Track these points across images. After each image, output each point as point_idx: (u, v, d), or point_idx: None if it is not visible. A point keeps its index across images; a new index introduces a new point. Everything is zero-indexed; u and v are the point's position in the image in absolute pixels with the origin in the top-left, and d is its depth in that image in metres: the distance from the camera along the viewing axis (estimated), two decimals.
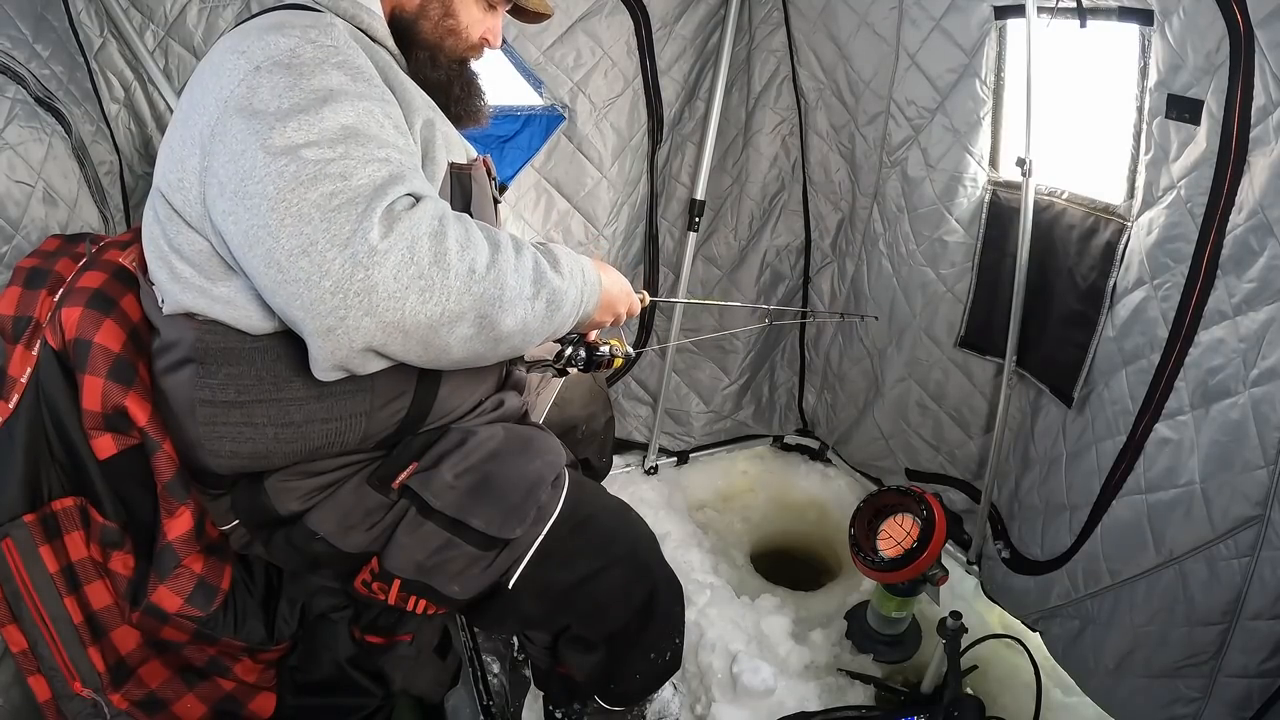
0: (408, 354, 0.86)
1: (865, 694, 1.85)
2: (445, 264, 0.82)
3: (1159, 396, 1.38)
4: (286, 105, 0.84)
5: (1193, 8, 1.24)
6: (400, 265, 0.80)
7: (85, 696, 1.12)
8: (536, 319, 0.92)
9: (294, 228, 0.79)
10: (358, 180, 0.81)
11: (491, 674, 1.69)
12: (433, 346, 0.85)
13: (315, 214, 0.79)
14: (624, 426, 2.56)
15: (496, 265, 0.87)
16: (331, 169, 0.81)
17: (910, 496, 1.79)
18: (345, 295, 0.79)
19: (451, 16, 1.13)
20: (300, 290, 0.80)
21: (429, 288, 0.81)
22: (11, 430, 1.05)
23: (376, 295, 0.79)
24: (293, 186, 0.80)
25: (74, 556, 1.11)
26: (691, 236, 2.28)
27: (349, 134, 0.84)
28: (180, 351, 0.98)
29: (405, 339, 0.83)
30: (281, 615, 1.27)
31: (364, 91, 0.90)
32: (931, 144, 1.86)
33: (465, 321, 0.85)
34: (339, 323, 0.80)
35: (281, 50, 0.88)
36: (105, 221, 1.58)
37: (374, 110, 0.89)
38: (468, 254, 0.84)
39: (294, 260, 0.79)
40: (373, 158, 0.84)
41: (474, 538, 1.09)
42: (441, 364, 0.90)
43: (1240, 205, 1.22)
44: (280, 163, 0.81)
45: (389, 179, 0.83)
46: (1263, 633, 1.21)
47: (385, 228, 0.80)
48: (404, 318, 0.81)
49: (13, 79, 1.33)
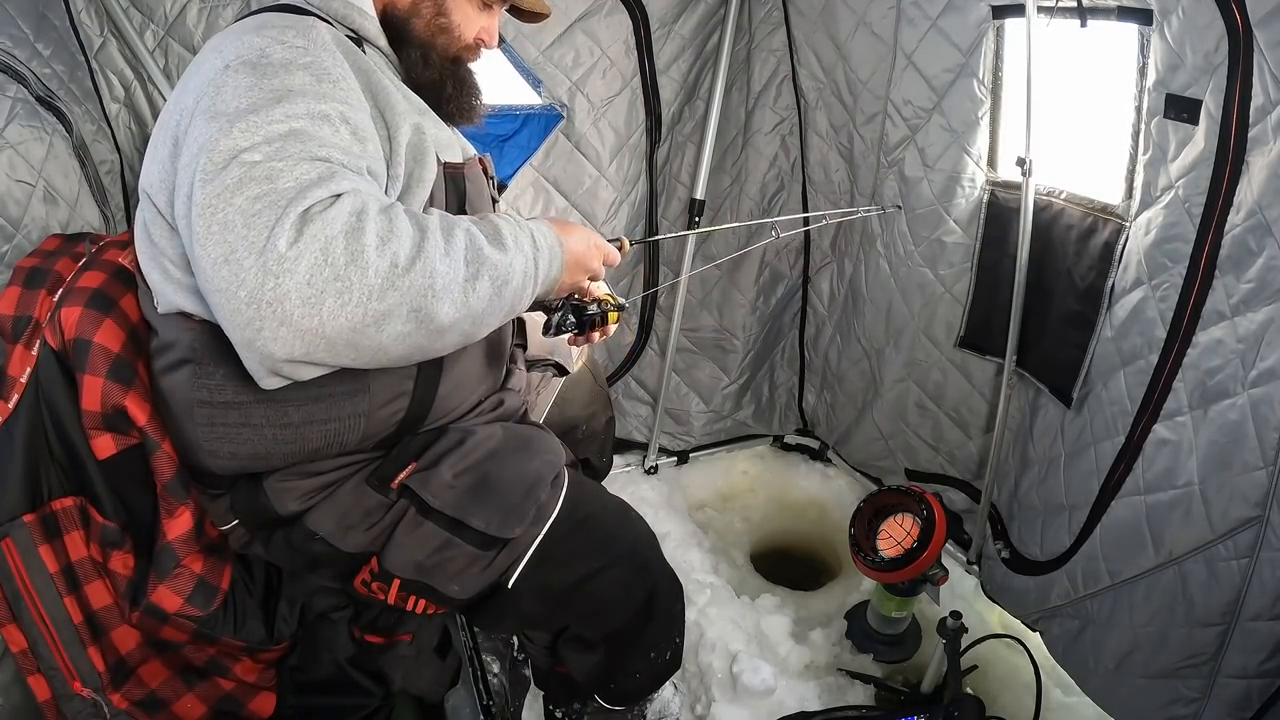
0: (339, 359, 0.81)
1: (865, 694, 1.85)
2: (363, 262, 0.77)
3: (1157, 397, 1.38)
4: (244, 105, 0.82)
5: (1192, 7, 1.24)
6: (314, 270, 0.75)
7: (85, 696, 1.12)
8: (481, 300, 0.87)
9: (219, 235, 0.76)
10: (283, 183, 0.78)
11: (491, 674, 1.69)
12: (364, 349, 0.81)
13: (238, 220, 0.76)
14: (624, 426, 2.56)
15: (423, 254, 0.81)
16: (258, 171, 0.78)
17: (910, 496, 1.79)
18: (259, 306, 0.75)
19: (444, 15, 1.12)
20: (222, 301, 0.77)
21: (346, 289, 0.77)
22: (11, 430, 1.05)
23: (290, 303, 0.75)
24: (221, 192, 0.77)
25: (74, 556, 1.11)
26: (691, 236, 2.28)
27: (291, 134, 0.81)
28: (178, 352, 0.99)
29: (330, 345, 0.78)
30: (281, 615, 1.27)
31: (326, 93, 0.87)
32: (929, 144, 1.86)
33: (396, 318, 0.80)
34: (256, 334, 0.76)
35: (252, 50, 0.88)
36: (106, 221, 1.58)
37: (329, 112, 0.86)
38: (389, 248, 0.79)
39: (217, 269, 0.76)
40: (307, 156, 0.80)
41: (473, 537, 1.09)
42: (384, 364, 0.85)
43: (1238, 205, 1.22)
44: (217, 168, 0.79)
45: (318, 180, 0.79)
46: (1262, 633, 1.21)
47: (296, 233, 0.76)
48: (322, 324, 0.76)
49: (14, 78, 1.33)
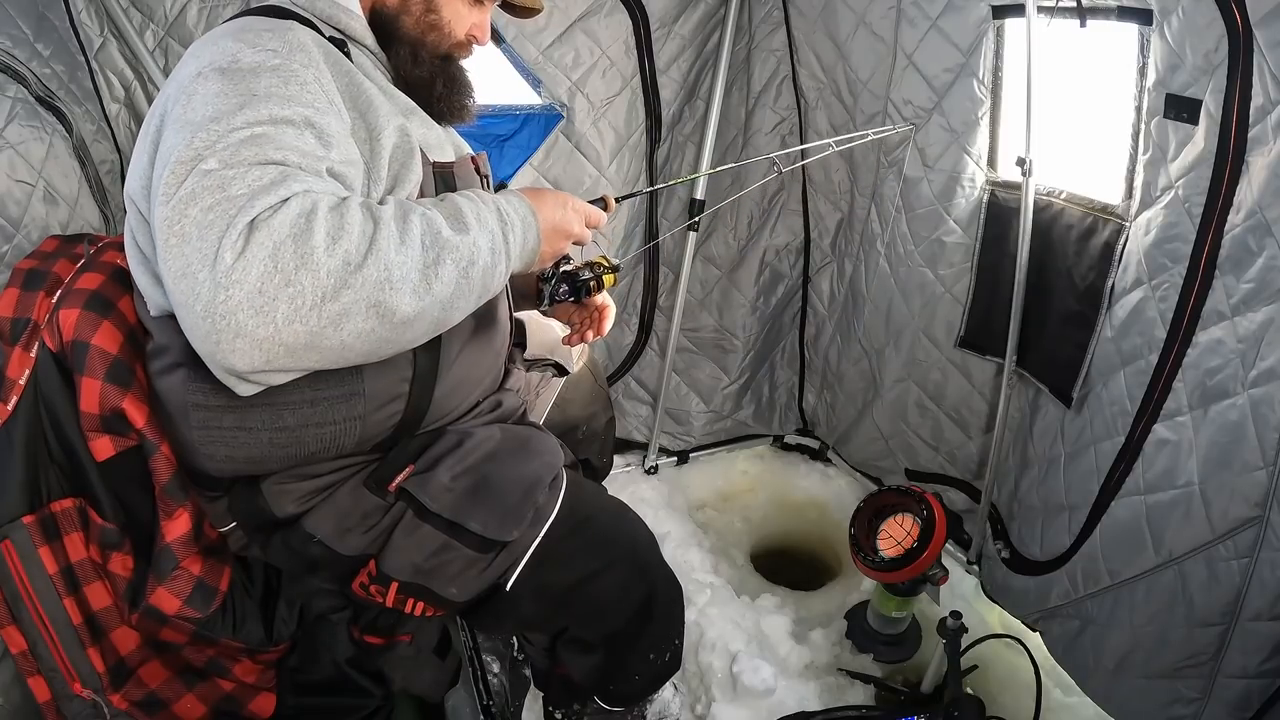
0: (303, 363, 0.80)
1: (865, 694, 1.85)
2: (313, 265, 0.75)
3: (1157, 397, 1.37)
4: (209, 113, 0.81)
5: (1192, 7, 1.24)
6: (264, 278, 0.74)
7: (85, 697, 1.12)
8: (446, 286, 0.84)
9: (177, 249, 0.76)
10: (235, 190, 0.76)
11: (491, 674, 1.69)
12: (327, 350, 0.79)
13: (194, 232, 0.75)
14: (624, 426, 2.56)
15: (376, 247, 0.79)
16: (212, 180, 0.77)
17: (910, 496, 1.79)
18: (214, 319, 0.74)
19: (434, 12, 1.10)
20: (183, 314, 0.77)
21: (299, 295, 0.75)
22: (10, 432, 1.05)
23: (243, 314, 0.74)
24: (178, 205, 0.76)
25: (73, 558, 1.11)
26: (691, 236, 2.28)
27: (250, 140, 0.80)
28: (173, 355, 0.98)
29: (290, 351, 0.77)
30: (280, 616, 1.27)
31: (293, 95, 0.86)
32: (929, 144, 1.85)
33: (354, 316, 0.78)
34: (215, 348, 0.75)
35: (225, 56, 0.87)
36: (106, 221, 1.59)
37: (293, 116, 0.84)
38: (339, 246, 0.77)
39: (177, 284, 0.76)
40: (261, 160, 0.79)
41: (471, 540, 1.09)
42: (354, 362, 0.84)
43: (1238, 205, 1.22)
44: (178, 181, 0.78)
45: (269, 185, 0.77)
46: (1262, 634, 1.21)
47: (245, 242, 0.74)
48: (278, 331, 0.75)
49: (14, 78, 1.33)
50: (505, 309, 1.24)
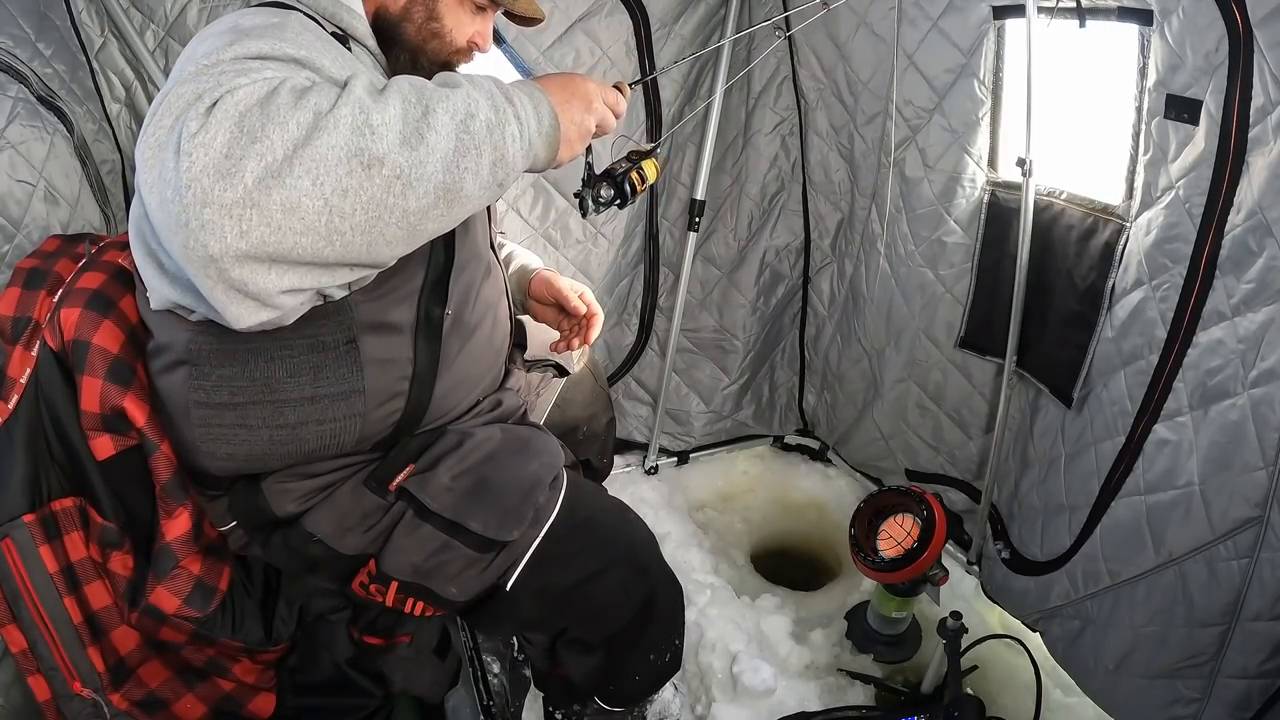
0: (285, 237, 0.73)
1: (865, 694, 1.85)
2: (280, 119, 0.72)
3: (1158, 397, 1.37)
4: (202, 54, 0.80)
5: (1192, 8, 1.24)
6: (230, 142, 0.70)
7: (85, 696, 1.12)
8: (444, 138, 0.78)
9: (151, 135, 0.74)
10: (207, 81, 0.75)
11: (491, 674, 1.69)
12: (310, 215, 0.73)
13: (165, 117, 0.74)
14: (624, 426, 2.56)
15: (350, 95, 0.76)
16: (186, 88, 0.75)
17: (910, 496, 1.79)
18: (180, 193, 0.69)
19: (436, 20, 1.08)
20: (154, 206, 0.73)
21: (268, 150, 0.71)
22: (11, 431, 1.05)
23: (208, 179, 0.69)
24: (153, 118, 0.75)
25: (73, 557, 1.11)
26: (691, 236, 2.28)
27: (235, 61, 0.79)
28: (174, 353, 0.99)
29: (265, 216, 0.71)
30: (280, 616, 1.27)
31: (288, 39, 0.85)
32: (929, 144, 1.85)
33: (333, 167, 0.73)
34: (185, 229, 0.70)
35: (223, 25, 0.88)
36: (107, 220, 1.59)
37: (279, 54, 0.83)
38: (308, 100, 0.74)
39: (150, 193, 0.73)
40: (240, 71, 0.77)
41: (471, 540, 1.09)
42: (355, 253, 0.78)
43: (1239, 205, 1.22)
44: (161, 97, 0.77)
45: (245, 74, 0.77)
46: (1262, 634, 1.21)
47: (207, 114, 0.71)
48: (248, 191, 0.70)
49: (15, 78, 1.33)
50: (505, 308, 1.24)
